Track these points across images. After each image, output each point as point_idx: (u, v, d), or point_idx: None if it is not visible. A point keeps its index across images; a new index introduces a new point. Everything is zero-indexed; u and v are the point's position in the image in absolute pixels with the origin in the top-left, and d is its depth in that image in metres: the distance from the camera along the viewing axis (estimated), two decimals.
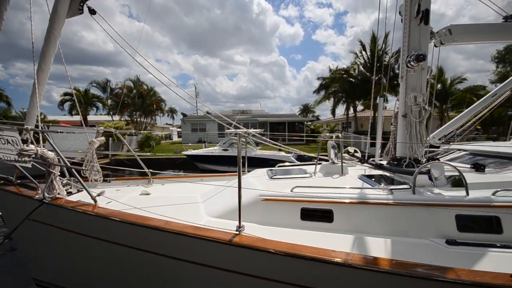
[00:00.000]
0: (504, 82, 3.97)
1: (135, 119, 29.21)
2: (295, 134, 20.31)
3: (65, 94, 25.98)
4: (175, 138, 39.68)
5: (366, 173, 3.19)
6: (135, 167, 4.07)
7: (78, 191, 3.03)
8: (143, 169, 3.84)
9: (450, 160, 3.92)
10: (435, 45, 3.12)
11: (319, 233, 2.25)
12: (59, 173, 2.59)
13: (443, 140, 4.12)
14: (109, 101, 28.92)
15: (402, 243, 2.08)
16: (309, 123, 34.45)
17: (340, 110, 29.96)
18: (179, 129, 36.97)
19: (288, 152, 11.78)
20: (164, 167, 14.84)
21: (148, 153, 15.42)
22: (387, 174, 3.10)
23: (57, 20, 2.97)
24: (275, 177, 3.13)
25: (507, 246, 1.99)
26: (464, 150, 4.00)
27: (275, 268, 2.00)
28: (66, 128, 3.76)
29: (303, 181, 2.91)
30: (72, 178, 2.98)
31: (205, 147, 15.30)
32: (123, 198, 2.99)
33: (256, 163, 8.08)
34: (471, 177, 2.71)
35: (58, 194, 2.51)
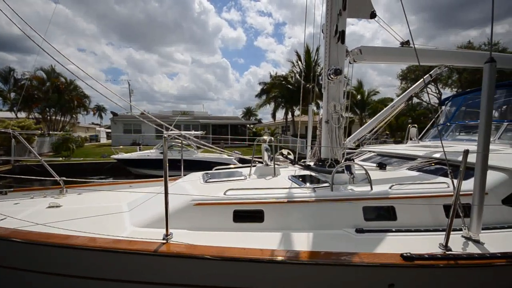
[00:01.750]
0: (399, 97, 4.98)
1: (48, 117, 24.64)
2: (236, 137, 20.54)
3: None
4: (104, 140, 35.24)
5: (296, 174, 3.45)
6: (47, 174, 3.42)
7: None
8: (53, 176, 3.26)
9: (363, 160, 4.60)
10: (349, 62, 3.64)
11: (251, 233, 2.32)
12: None
13: (357, 143, 4.84)
14: (13, 94, 23.66)
15: (322, 235, 2.32)
16: (252, 126, 35.44)
17: (280, 114, 31.81)
18: (109, 130, 32.82)
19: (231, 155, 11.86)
20: (88, 173, 12.97)
21: (61, 158, 13.17)
22: (313, 174, 3.43)
23: None
24: (210, 180, 3.10)
25: (400, 230, 2.44)
26: (374, 152, 4.77)
27: (207, 274, 1.97)
28: None
29: (237, 184, 2.96)
30: None
31: (139, 150, 14.04)
32: (22, 213, 2.48)
33: (198, 166, 7.82)
34: (376, 174, 3.24)
35: None
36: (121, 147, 14.08)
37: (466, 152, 1.96)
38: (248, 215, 2.43)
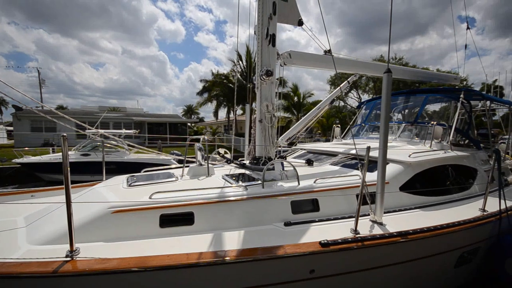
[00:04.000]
0: (324, 100, 5.56)
1: None
2: (175, 136, 19.45)
3: None
4: (4, 140, 28.50)
5: (231, 173, 3.45)
6: None
7: None
8: None
9: (296, 157, 4.94)
10: (280, 65, 3.84)
11: (180, 237, 2.20)
12: None
13: (289, 142, 5.18)
14: None
15: (253, 232, 2.36)
16: (193, 124, 34.14)
17: (223, 112, 31.53)
18: (11, 128, 26.58)
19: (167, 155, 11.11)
20: None
21: None
22: (247, 172, 3.49)
23: None
24: (135, 184, 2.81)
25: (322, 220, 2.68)
26: (305, 149, 5.17)
27: None
28: None
29: (167, 186, 2.77)
30: None
31: (53, 152, 11.86)
32: None
33: (130, 168, 6.99)
34: (305, 170, 3.50)
35: None
36: (26, 148, 11.57)
37: (368, 148, 2.28)
38: (177, 219, 2.29)
